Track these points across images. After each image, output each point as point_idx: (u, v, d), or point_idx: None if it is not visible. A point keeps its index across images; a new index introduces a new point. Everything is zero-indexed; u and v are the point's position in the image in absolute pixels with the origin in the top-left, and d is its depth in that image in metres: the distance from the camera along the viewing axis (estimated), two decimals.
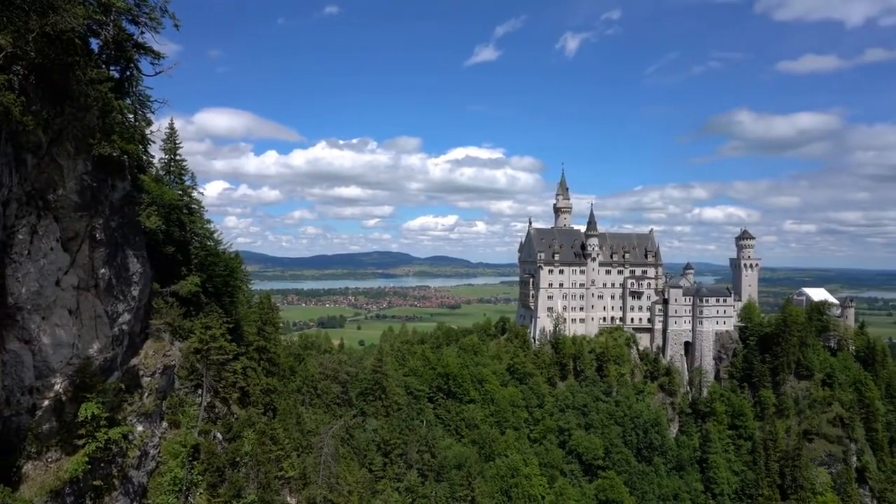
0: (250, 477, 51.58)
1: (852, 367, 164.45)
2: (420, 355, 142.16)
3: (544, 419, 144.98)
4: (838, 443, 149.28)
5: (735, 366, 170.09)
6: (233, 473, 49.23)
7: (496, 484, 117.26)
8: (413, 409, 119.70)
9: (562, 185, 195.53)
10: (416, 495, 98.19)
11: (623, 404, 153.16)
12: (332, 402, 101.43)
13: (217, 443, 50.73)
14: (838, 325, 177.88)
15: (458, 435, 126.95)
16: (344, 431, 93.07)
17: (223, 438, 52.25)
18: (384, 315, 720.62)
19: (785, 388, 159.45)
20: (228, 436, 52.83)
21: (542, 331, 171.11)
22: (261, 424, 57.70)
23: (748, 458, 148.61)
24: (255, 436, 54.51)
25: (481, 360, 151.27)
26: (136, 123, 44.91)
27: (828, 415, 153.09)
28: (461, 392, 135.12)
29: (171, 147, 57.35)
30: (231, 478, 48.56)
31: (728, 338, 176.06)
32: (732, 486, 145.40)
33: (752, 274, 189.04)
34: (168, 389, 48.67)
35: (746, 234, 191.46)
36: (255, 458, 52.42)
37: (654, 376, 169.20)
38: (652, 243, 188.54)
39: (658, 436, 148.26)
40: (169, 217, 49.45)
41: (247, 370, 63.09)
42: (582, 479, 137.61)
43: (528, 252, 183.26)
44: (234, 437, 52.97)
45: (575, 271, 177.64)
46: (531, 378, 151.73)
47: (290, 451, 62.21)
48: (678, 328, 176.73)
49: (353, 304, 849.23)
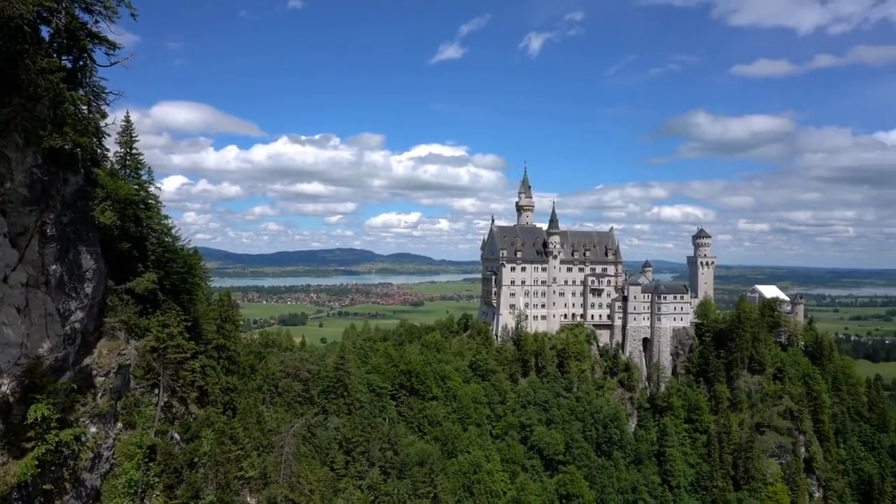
0: (209, 477, 50.70)
1: (801, 362, 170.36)
2: (383, 353, 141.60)
3: (506, 415, 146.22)
4: (788, 435, 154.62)
5: (691, 361, 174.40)
6: (191, 474, 48.32)
7: (458, 480, 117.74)
8: (375, 406, 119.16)
9: (524, 183, 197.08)
10: (379, 493, 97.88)
11: (583, 400, 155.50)
12: (294, 401, 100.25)
13: (174, 443, 49.68)
14: (789, 322, 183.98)
15: (421, 432, 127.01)
16: (305, 430, 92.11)
17: (181, 439, 51.20)
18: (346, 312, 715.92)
19: (738, 382, 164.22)
20: (186, 436, 51.80)
21: (504, 328, 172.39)
22: (220, 424, 56.75)
23: (703, 450, 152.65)
24: (214, 435, 53.59)
25: (444, 358, 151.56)
26: (90, 115, 43.52)
27: (778, 408, 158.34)
28: (424, 389, 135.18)
29: (126, 140, 55.81)
30: (189, 479, 47.65)
31: (685, 334, 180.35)
32: (688, 478, 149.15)
33: (708, 272, 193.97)
34: (123, 389, 47.44)
35: (703, 232, 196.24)
36: (213, 459, 51.54)
37: (614, 372, 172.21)
38: (612, 241, 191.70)
39: (617, 430, 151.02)
40: (124, 212, 48.12)
41: (205, 369, 61.91)
42: (543, 474, 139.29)
43: (491, 250, 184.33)
44: (193, 438, 51.97)
45: (537, 269, 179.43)
46: (493, 375, 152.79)
47: (251, 450, 61.38)
48: (637, 325, 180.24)
49: (315, 301, 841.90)
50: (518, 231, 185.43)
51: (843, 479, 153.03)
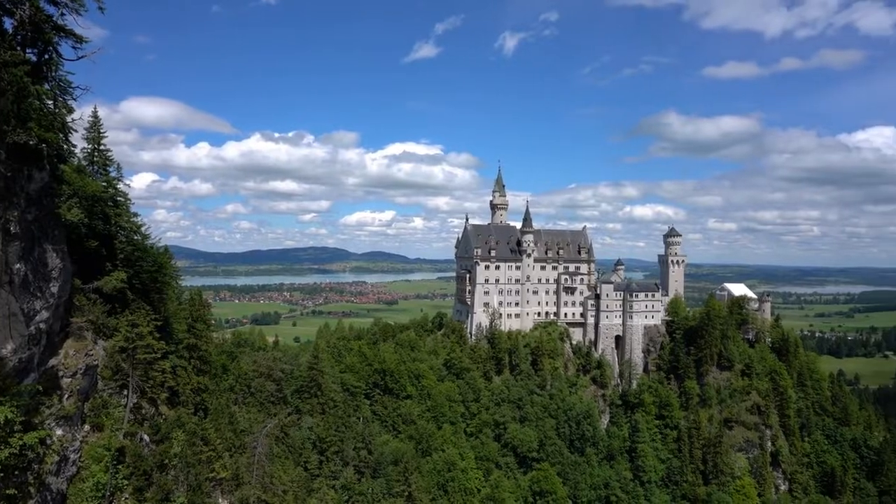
0: (179, 479, 50.03)
1: (768, 358, 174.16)
2: (357, 351, 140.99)
3: (480, 413, 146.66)
4: (755, 429, 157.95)
5: (662, 358, 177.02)
6: (161, 476, 47.62)
7: (433, 478, 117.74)
8: (349, 405, 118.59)
9: (498, 182, 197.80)
10: (353, 492, 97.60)
11: (557, 397, 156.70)
12: (267, 401, 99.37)
13: (144, 445, 48.91)
14: (756, 319, 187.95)
15: (395, 431, 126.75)
16: (278, 430, 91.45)
17: (150, 440, 50.42)
18: (320, 311, 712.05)
19: (708, 378, 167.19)
20: (156, 437, 51.03)
21: (478, 326, 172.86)
22: (191, 425, 56.07)
23: (674, 446, 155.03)
24: (185, 437, 52.89)
25: (418, 356, 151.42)
26: (56, 110, 42.52)
27: (746, 403, 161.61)
28: (398, 388, 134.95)
29: (94, 136, 54.74)
30: (159, 481, 46.96)
31: (656, 331, 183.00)
32: (659, 473, 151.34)
33: (679, 270, 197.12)
34: (90, 390, 46.53)
35: (673, 231, 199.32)
36: (184, 460, 50.87)
37: (587, 369, 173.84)
38: (585, 240, 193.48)
39: (590, 427, 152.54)
40: (92, 210, 47.22)
41: (176, 369, 61.11)
42: (517, 471, 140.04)
43: (465, 248, 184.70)
44: (163, 439, 51.22)
45: (511, 267, 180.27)
46: (467, 373, 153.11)
47: (222, 451, 60.71)
48: (609, 322, 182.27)
49: (289, 300, 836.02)
50: (492, 230, 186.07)
51: (807, 471, 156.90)
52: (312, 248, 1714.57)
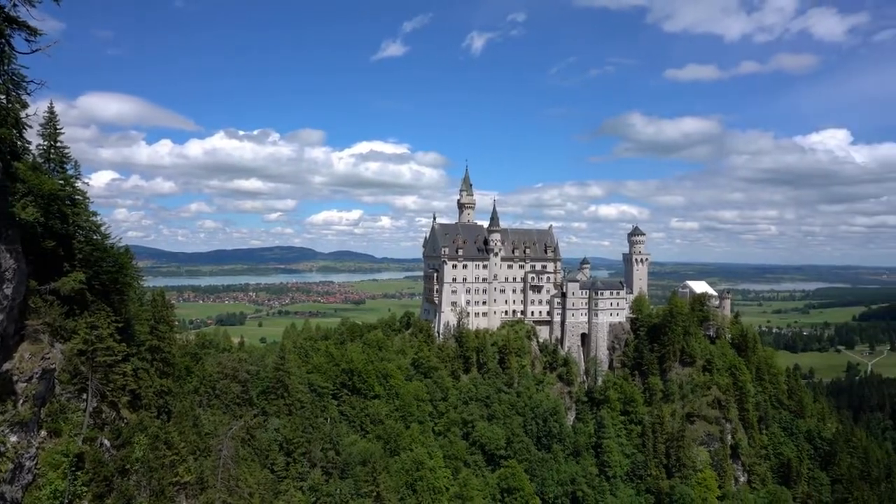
0: (142, 484, 49.00)
1: (728, 354, 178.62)
2: (324, 352, 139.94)
3: (448, 412, 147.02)
4: (716, 423, 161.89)
5: (627, 355, 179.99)
6: (122, 482, 46.58)
7: (401, 478, 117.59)
8: (317, 406, 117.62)
9: (465, 181, 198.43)
10: (321, 494, 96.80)
11: (524, 395, 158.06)
12: (232, 403, 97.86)
13: (104, 450, 47.74)
14: (717, 316, 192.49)
15: (363, 431, 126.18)
16: (244, 432, 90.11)
17: (111, 445, 49.24)
18: (286, 311, 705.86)
19: (671, 374, 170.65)
20: (117, 442, 49.88)
21: (445, 325, 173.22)
22: (153, 428, 54.88)
23: (638, 441, 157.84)
24: (148, 440, 51.81)
25: (386, 356, 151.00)
26: (10, 105, 41.21)
27: (707, 398, 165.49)
28: (366, 388, 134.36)
29: (50, 133, 53.08)
30: (120, 486, 45.93)
31: (621, 329, 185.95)
32: (624, 468, 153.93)
33: (643, 268, 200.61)
34: (47, 395, 45.19)
35: (637, 230, 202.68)
36: (147, 465, 49.84)
37: (553, 367, 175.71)
38: (551, 239, 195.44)
39: (556, 424, 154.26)
40: (48, 209, 45.83)
41: (138, 371, 59.80)
42: (485, 469, 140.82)
43: (433, 247, 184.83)
44: (124, 444, 50.10)
45: (478, 266, 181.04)
46: (435, 372, 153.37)
47: (186, 455, 59.53)
48: (575, 320, 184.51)
49: (254, 300, 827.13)
50: (460, 229, 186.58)
51: (765, 463, 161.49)
52: (278, 247, 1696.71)
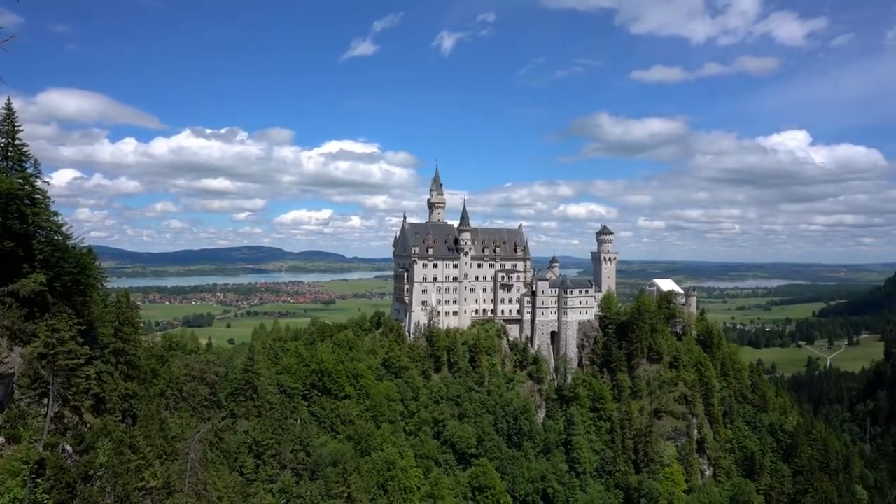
0: (106, 490, 48.03)
1: (694, 350, 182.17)
2: (294, 352, 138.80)
3: (419, 411, 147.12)
4: (682, 419, 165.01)
5: (596, 352, 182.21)
6: (85, 488, 45.58)
7: (372, 478, 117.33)
8: (287, 407, 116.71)
9: (436, 180, 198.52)
10: (291, 496, 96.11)
11: (494, 393, 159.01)
12: (200, 405, 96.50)
13: (66, 456, 46.69)
14: (683, 313, 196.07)
15: (334, 431, 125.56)
16: (212, 435, 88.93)
17: (74, 451, 48.17)
18: (255, 312, 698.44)
19: (638, 371, 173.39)
20: (80, 448, 48.79)
21: (416, 324, 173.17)
22: (118, 433, 53.83)
23: (607, 437, 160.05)
24: (112, 445, 50.79)
25: (356, 356, 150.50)
26: None
27: (674, 394, 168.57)
28: (336, 388, 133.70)
29: (8, 130, 51.79)
30: (83, 493, 44.94)
31: (590, 327, 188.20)
32: (593, 464, 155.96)
33: (611, 266, 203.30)
34: (6, 400, 44.07)
35: (605, 229, 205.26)
36: (111, 470, 48.86)
37: (523, 365, 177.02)
38: (521, 238, 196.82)
39: (527, 422, 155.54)
40: (7, 208, 44.71)
41: (102, 375, 58.57)
42: (456, 468, 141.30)
43: (403, 247, 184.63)
44: (87, 449, 49.04)
45: (448, 265, 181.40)
46: (406, 371, 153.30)
47: (153, 459, 58.56)
48: (545, 319, 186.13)
49: (222, 301, 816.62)
50: (430, 228, 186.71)
51: (729, 456, 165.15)
52: (247, 247, 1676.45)
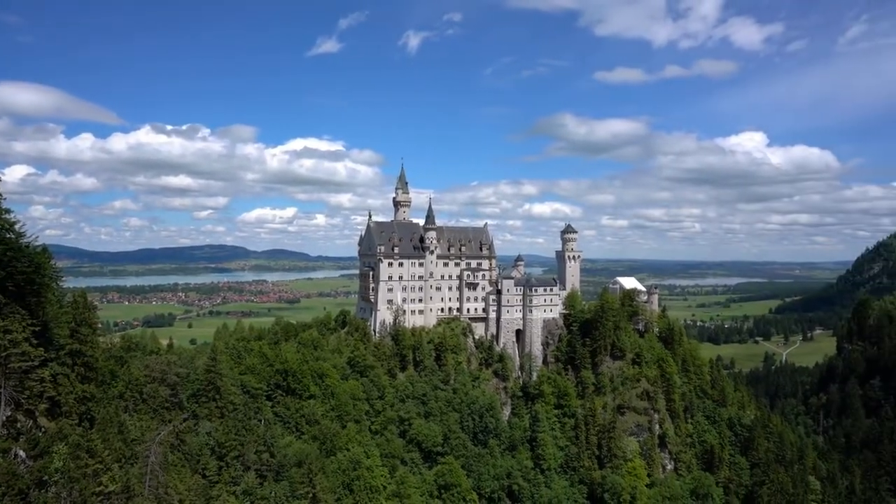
0: (62, 496, 46.93)
1: (656, 347, 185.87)
2: (257, 352, 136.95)
3: (385, 410, 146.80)
4: (645, 414, 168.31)
5: (560, 350, 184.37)
6: (39, 494, 44.49)
7: (338, 478, 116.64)
8: (250, 408, 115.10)
9: (401, 179, 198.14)
10: (255, 497, 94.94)
11: (460, 391, 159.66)
12: (161, 407, 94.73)
13: (19, 462, 45.46)
14: (645, 310, 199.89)
15: (299, 432, 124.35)
16: (173, 437, 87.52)
17: (28, 456, 46.93)
18: (218, 311, 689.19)
19: (602, 368, 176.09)
20: (34, 452, 47.57)
21: (382, 323, 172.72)
22: (75, 437, 52.57)
23: (571, 433, 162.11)
24: (68, 450, 49.60)
25: (321, 355, 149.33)
26: None
27: (636, 390, 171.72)
28: (301, 388, 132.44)
29: None
30: (37, 499, 43.82)
31: (554, 324, 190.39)
32: (558, 460, 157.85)
33: (575, 265, 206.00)
34: None
35: (570, 228, 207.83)
36: (67, 475, 47.74)
37: (489, 363, 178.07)
38: (486, 237, 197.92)
39: (492, 419, 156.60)
40: None
41: (57, 377, 57.12)
42: (422, 466, 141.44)
43: (368, 245, 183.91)
44: (42, 454, 47.82)
45: (414, 264, 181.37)
46: (372, 370, 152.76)
47: (111, 463, 57.31)
48: (510, 317, 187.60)
49: (184, 300, 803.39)
50: (395, 227, 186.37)
51: (690, 450, 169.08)
52: (209, 246, 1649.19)
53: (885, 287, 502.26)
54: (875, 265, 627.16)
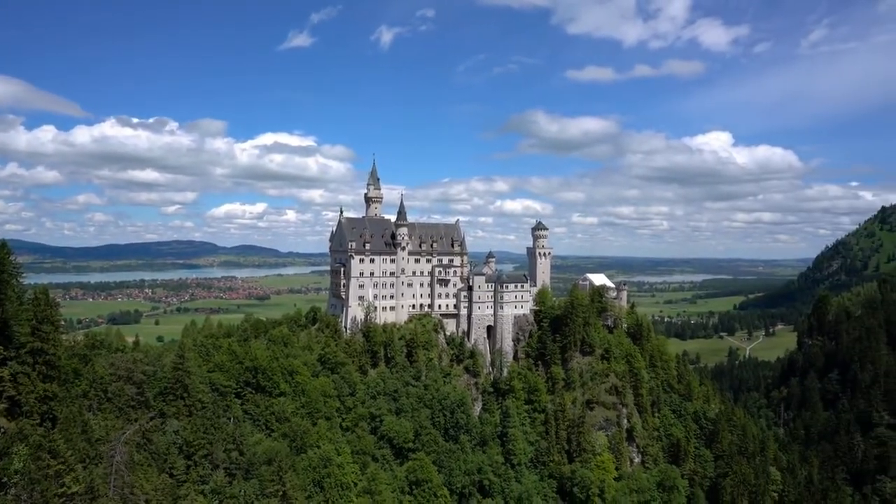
0: (22, 498, 46.05)
1: (624, 342, 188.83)
2: (226, 349, 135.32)
3: (356, 407, 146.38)
4: (613, 408, 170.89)
5: (531, 346, 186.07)
6: None
7: (308, 476, 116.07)
8: (219, 406, 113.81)
9: (373, 175, 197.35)
10: (224, 496, 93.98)
11: (431, 388, 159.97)
12: (126, 406, 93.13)
13: None
14: (614, 307, 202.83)
15: (269, 429, 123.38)
16: (140, 436, 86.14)
17: None
18: (186, 308, 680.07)
19: (572, 363, 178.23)
20: None
21: (353, 320, 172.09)
22: (36, 437, 51.54)
23: (541, 428, 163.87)
24: (29, 451, 48.66)
25: (292, 352, 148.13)
26: None
27: (605, 385, 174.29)
28: (271, 385, 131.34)
29: None
30: None
31: (525, 320, 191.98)
32: (528, 455, 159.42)
33: (546, 262, 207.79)
34: None
35: (541, 225, 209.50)
36: (28, 477, 46.86)
37: (460, 359, 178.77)
38: (458, 233, 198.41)
39: (463, 415, 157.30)
40: None
41: (17, 376, 55.88)
42: (393, 462, 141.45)
43: (340, 241, 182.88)
44: (1, 455, 46.72)
45: (385, 260, 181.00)
46: (343, 367, 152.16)
47: (74, 463, 56.30)
48: (481, 313, 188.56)
49: (151, 297, 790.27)
50: (367, 223, 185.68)
51: (657, 444, 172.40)
52: (177, 241, 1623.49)
53: (844, 284, 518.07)
54: (834, 262, 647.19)
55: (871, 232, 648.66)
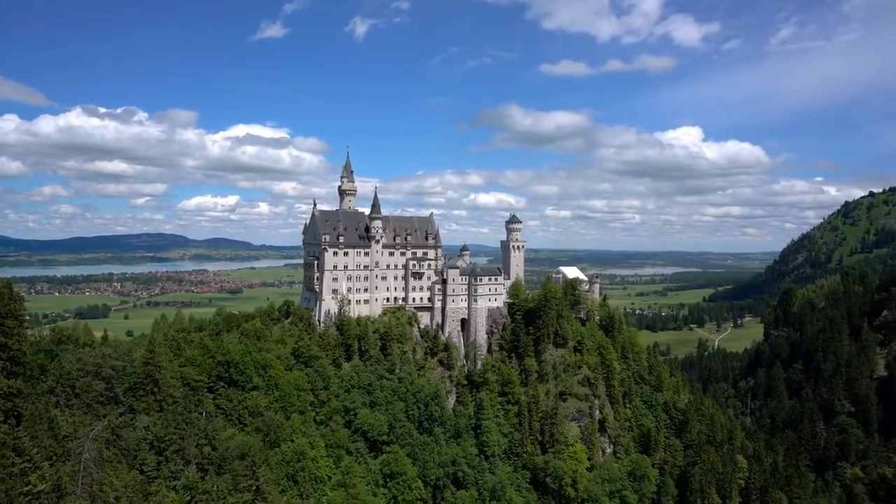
0: None
1: (597, 335, 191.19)
2: (198, 343, 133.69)
3: (330, 401, 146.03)
4: (585, 400, 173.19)
5: (504, 338, 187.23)
6: None
7: (282, 470, 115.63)
8: (191, 401, 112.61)
9: (347, 167, 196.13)
10: (196, 492, 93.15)
11: (405, 381, 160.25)
12: (95, 402, 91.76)
13: None
14: (587, 299, 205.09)
15: (241, 424, 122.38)
16: (109, 432, 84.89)
17: None
18: (156, 302, 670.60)
19: (545, 356, 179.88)
20: None
21: (326, 313, 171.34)
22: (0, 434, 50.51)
23: (515, 420, 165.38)
24: None
25: (265, 346, 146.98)
26: None
27: (578, 377, 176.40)
28: (243, 379, 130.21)
29: None
30: None
31: (499, 313, 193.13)
32: (502, 446, 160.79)
33: (519, 255, 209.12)
34: None
35: (514, 218, 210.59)
36: None
37: (434, 352, 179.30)
38: (432, 226, 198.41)
39: (438, 408, 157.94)
40: None
41: None
42: (367, 455, 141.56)
43: (313, 234, 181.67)
44: None
45: (359, 253, 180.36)
46: (316, 361, 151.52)
47: (40, 461, 55.40)
48: (455, 306, 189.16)
49: (119, 291, 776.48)
50: (340, 216, 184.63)
51: (628, 434, 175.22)
52: (147, 234, 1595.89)
53: (808, 276, 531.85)
54: (799, 255, 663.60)
55: (834, 226, 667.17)
